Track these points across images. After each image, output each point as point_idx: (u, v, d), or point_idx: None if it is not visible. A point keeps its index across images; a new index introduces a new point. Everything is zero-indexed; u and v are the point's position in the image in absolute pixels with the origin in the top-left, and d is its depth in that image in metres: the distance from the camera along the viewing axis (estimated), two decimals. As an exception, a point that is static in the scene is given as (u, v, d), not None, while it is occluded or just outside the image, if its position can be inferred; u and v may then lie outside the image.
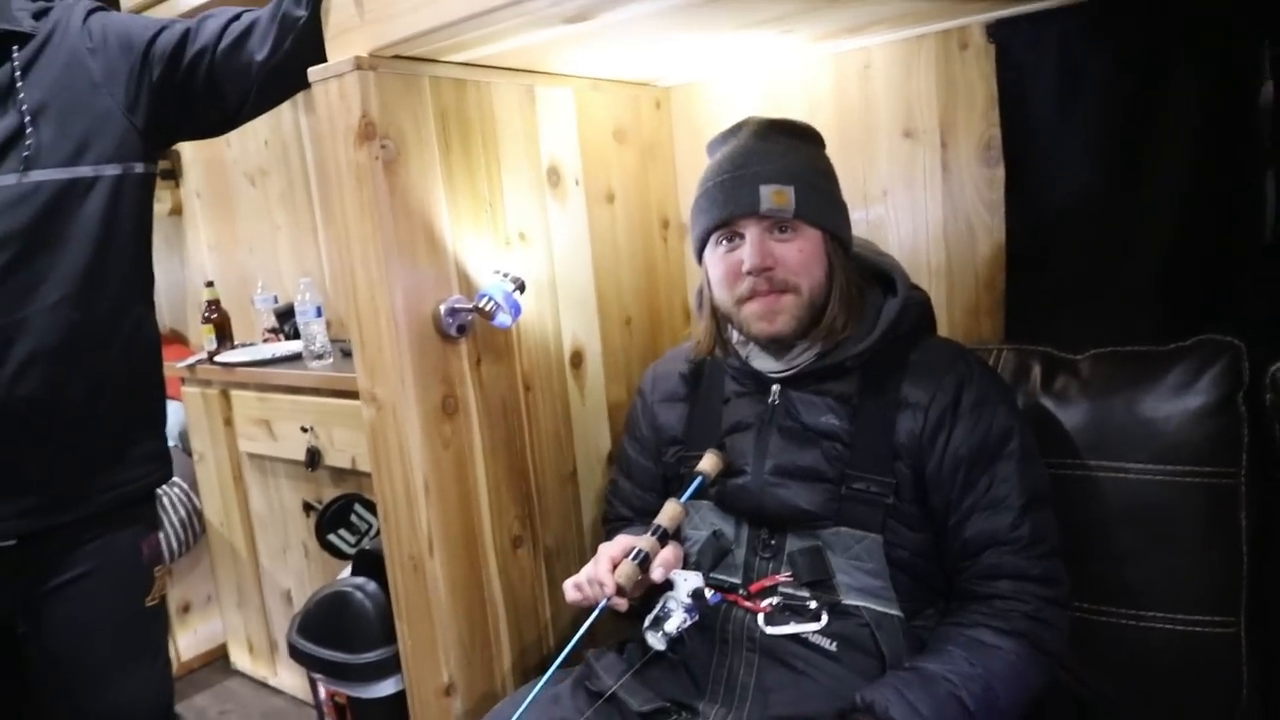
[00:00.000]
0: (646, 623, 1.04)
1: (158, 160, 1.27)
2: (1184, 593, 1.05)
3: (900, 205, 1.46)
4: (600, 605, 1.00)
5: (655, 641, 1.02)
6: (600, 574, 1.02)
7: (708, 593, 1.04)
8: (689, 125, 1.66)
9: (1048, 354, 1.19)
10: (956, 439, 1.03)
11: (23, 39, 1.13)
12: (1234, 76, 1.12)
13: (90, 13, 1.21)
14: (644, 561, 1.02)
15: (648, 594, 1.05)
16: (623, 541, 1.06)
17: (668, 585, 1.04)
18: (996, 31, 1.29)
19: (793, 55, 1.49)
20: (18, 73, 1.11)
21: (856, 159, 1.47)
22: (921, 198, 1.43)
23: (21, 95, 1.11)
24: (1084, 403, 1.12)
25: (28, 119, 1.10)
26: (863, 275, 1.13)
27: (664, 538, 1.05)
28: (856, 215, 1.41)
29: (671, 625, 1.00)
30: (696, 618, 1.02)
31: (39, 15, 1.17)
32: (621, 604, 1.01)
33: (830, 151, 1.17)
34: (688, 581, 1.03)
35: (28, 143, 1.10)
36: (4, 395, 1.09)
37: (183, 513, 2.29)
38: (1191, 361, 1.07)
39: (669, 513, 1.06)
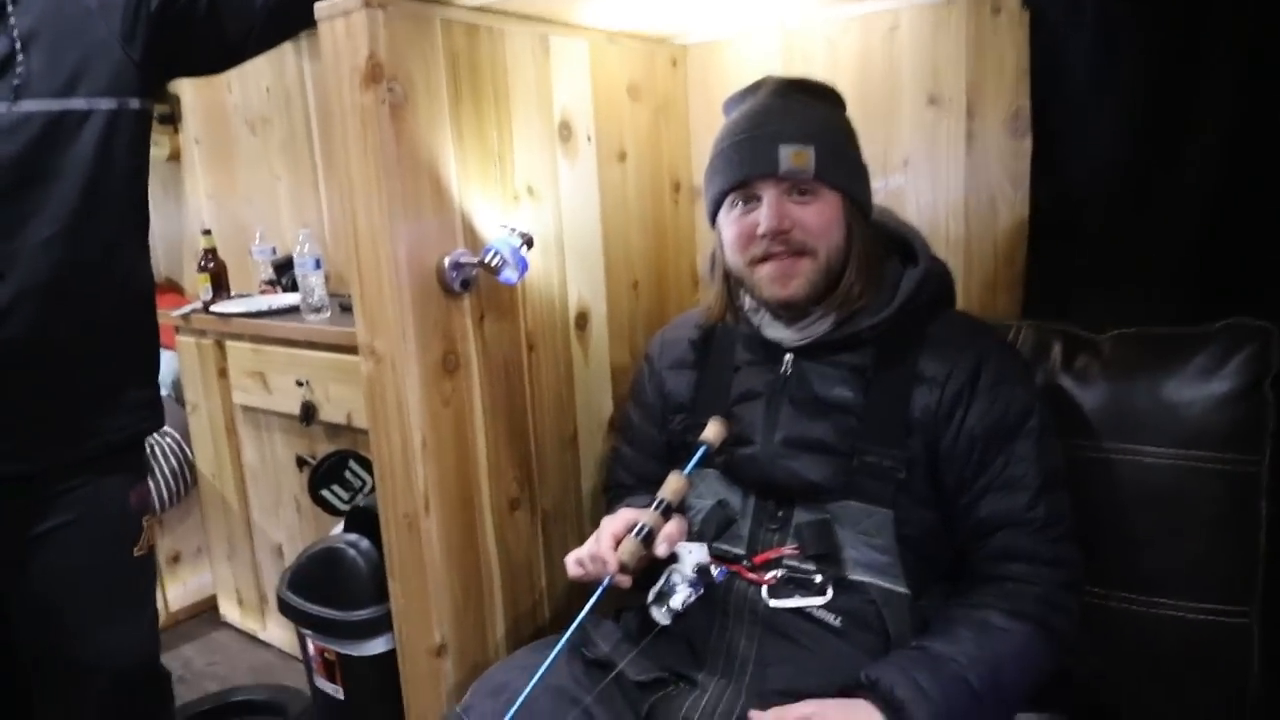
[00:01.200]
0: (650, 597, 1.01)
1: (154, 98, 1.22)
2: (1198, 581, 1.03)
3: (921, 174, 1.41)
4: (604, 583, 0.98)
5: (660, 617, 0.99)
6: (603, 551, 0.99)
7: (713, 569, 1.01)
8: (705, 85, 1.61)
9: (1069, 332, 1.16)
10: (973, 416, 1.00)
11: None
12: (1275, 50, 1.07)
13: (85, -63, 1.16)
14: (648, 537, 0.99)
15: (651, 566, 1.02)
16: (625, 516, 1.03)
17: (672, 558, 1.01)
18: (1032, -3, 1.24)
19: (816, 15, 1.44)
20: None
21: (878, 125, 1.42)
22: (944, 167, 1.39)
23: (12, 21, 1.06)
24: (1105, 384, 1.09)
25: (18, 45, 1.06)
26: (882, 243, 1.10)
27: (667, 511, 1.02)
28: (876, 184, 1.35)
29: (676, 601, 0.98)
30: (701, 592, 0.99)
31: None
32: (625, 581, 0.98)
33: (852, 116, 1.12)
34: (692, 555, 1.01)
35: (18, 70, 1.05)
36: None
37: (174, 463, 2.27)
38: (1219, 345, 1.04)
39: (672, 485, 1.03)
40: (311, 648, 1.48)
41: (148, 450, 2.07)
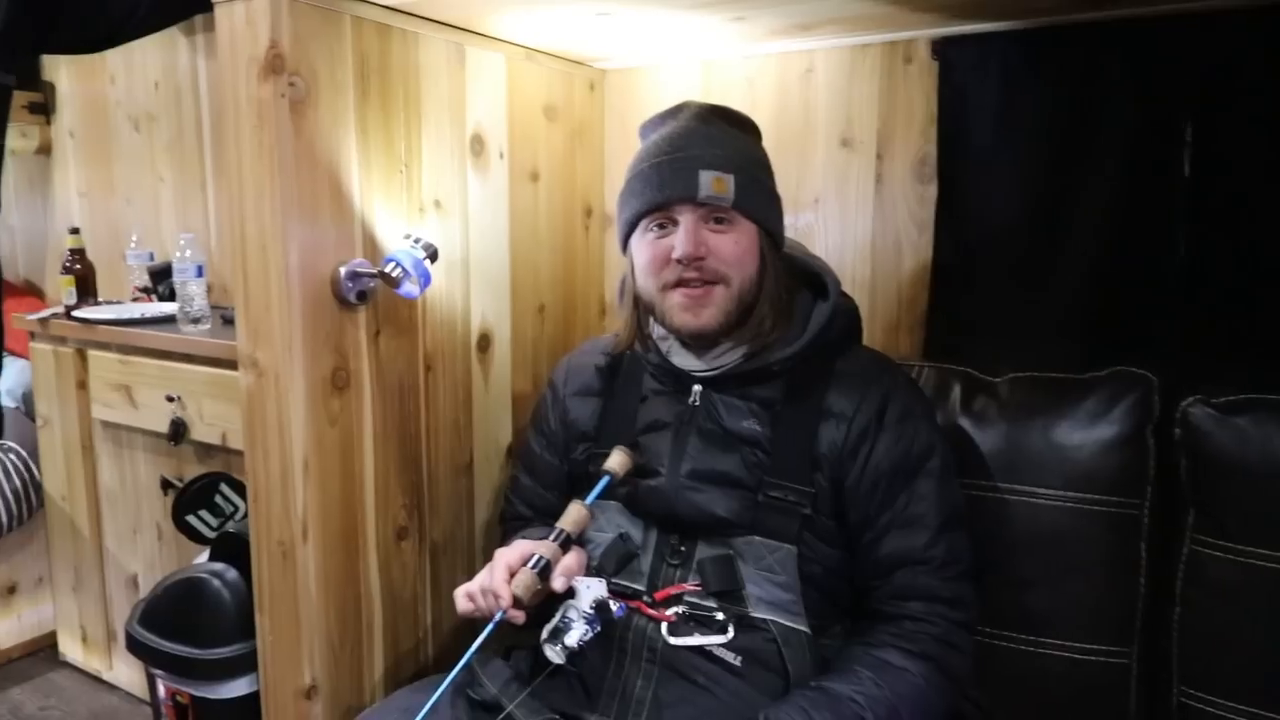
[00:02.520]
0: (544, 634, 0.95)
1: (12, 71, 1.10)
2: (1082, 621, 1.05)
3: (831, 214, 1.44)
4: (495, 619, 0.91)
5: (554, 655, 0.93)
6: (496, 584, 0.92)
7: (612, 604, 0.96)
8: (622, 112, 1.60)
9: (968, 374, 1.18)
10: (879, 452, 0.99)
11: None
12: (1162, 116, 1.15)
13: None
14: (544, 570, 0.93)
15: (546, 601, 0.96)
16: (521, 547, 0.97)
17: (569, 593, 0.96)
18: (941, 49, 1.29)
19: (736, 51, 1.46)
20: None
21: (792, 162, 1.44)
22: (853, 208, 1.42)
23: None
24: (1001, 425, 1.12)
25: None
26: (792, 276, 1.09)
27: (566, 543, 0.97)
28: (787, 220, 1.37)
29: (571, 638, 0.92)
30: (598, 629, 0.94)
31: None
32: (519, 617, 0.92)
33: (767, 152, 1.12)
34: (590, 590, 0.95)
35: None
36: None
37: (17, 483, 2.04)
38: (1105, 392, 1.08)
39: (573, 515, 0.98)
40: (162, 690, 1.33)
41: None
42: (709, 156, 0.99)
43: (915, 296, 1.37)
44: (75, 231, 2.06)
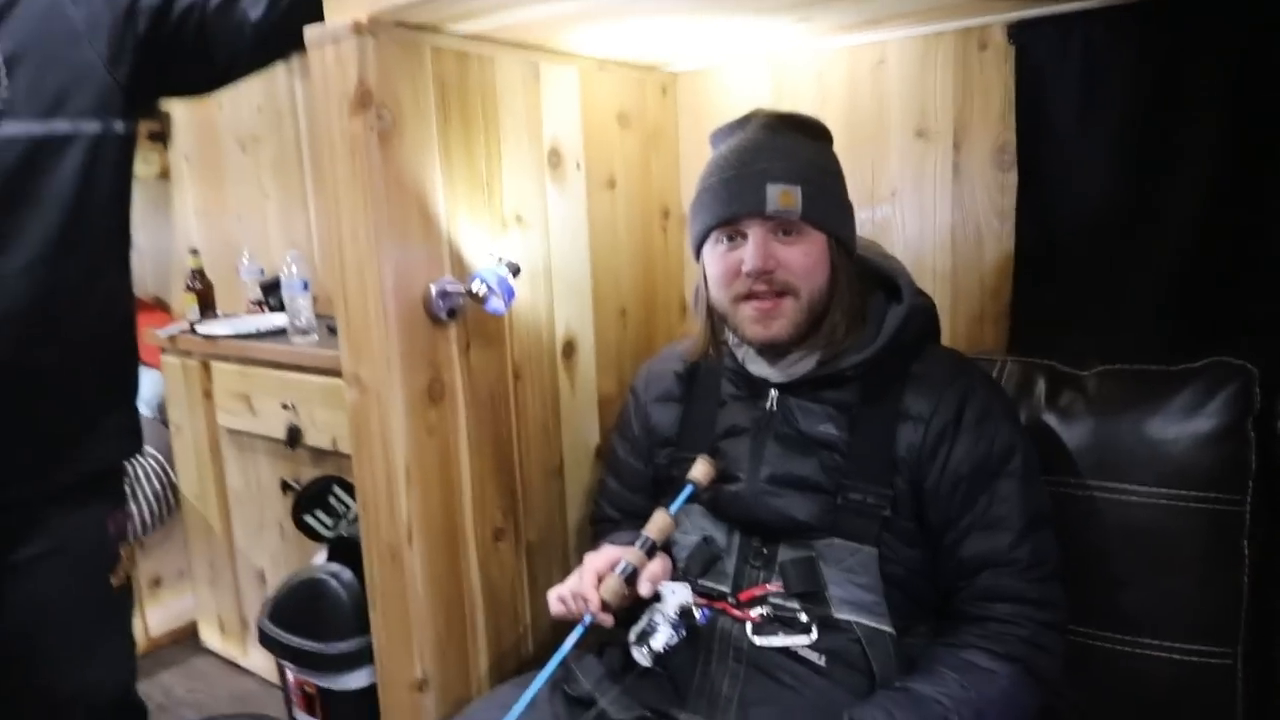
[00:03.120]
0: (632, 636, 1.00)
1: (139, 120, 1.21)
2: (1182, 621, 1.03)
3: (908, 206, 1.42)
4: (585, 622, 0.97)
5: (641, 658, 0.98)
6: (585, 589, 0.98)
7: (696, 611, 1.00)
8: (695, 113, 1.62)
9: (1053, 368, 1.16)
10: (957, 454, 0.99)
11: None
12: (1258, 92, 1.09)
13: (74, -41, 1.15)
14: (631, 576, 0.98)
15: (635, 603, 1.01)
16: (609, 553, 1.02)
17: (655, 597, 1.00)
18: (1018, 33, 1.25)
19: (805, 46, 1.45)
20: None
21: (866, 156, 1.43)
22: (930, 200, 1.39)
23: (-4, 43, 1.05)
24: (1089, 420, 1.09)
25: (2, 69, 1.04)
26: (866, 279, 1.09)
27: (652, 550, 1.01)
28: (863, 215, 1.37)
29: (658, 642, 0.97)
30: (684, 633, 0.98)
31: None
32: (607, 620, 0.97)
33: (839, 147, 1.12)
34: (675, 594, 0.99)
35: (1, 93, 1.04)
36: None
37: (157, 485, 2.24)
38: (1201, 384, 1.04)
39: (657, 524, 1.03)
40: (291, 680, 1.46)
41: (130, 473, 2.04)
42: (776, 169, 1.00)
43: (999, 287, 1.34)
44: (195, 253, 2.23)
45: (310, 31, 1.09)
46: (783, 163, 1.01)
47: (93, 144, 1.11)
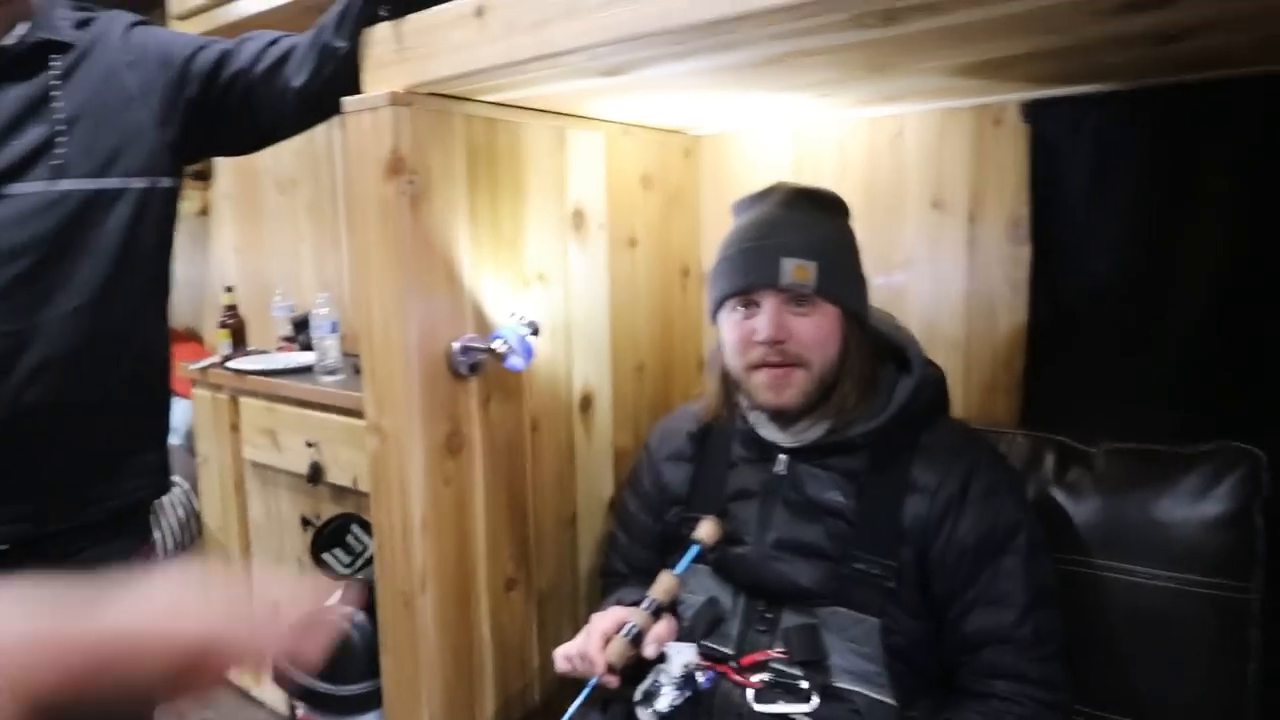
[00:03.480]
0: (638, 696, 1.02)
1: (183, 175, 1.27)
2: (1188, 707, 1.02)
3: (923, 275, 1.44)
4: (591, 684, 0.99)
5: (645, 718, 1.00)
6: (591, 651, 1.00)
7: (699, 675, 1.01)
8: (716, 175, 1.66)
9: (1062, 444, 1.17)
10: (963, 527, 1.01)
11: (63, 48, 1.14)
12: (1271, 178, 1.11)
13: (132, 25, 1.22)
14: (637, 638, 1.00)
15: (640, 661, 1.03)
16: (615, 614, 1.04)
17: (660, 658, 1.02)
18: (1031, 112, 1.28)
19: (826, 115, 1.49)
20: (55, 82, 1.12)
21: (882, 224, 1.46)
22: (945, 269, 1.42)
23: (57, 104, 1.12)
24: (1096, 499, 1.10)
25: (60, 129, 1.11)
26: (877, 349, 1.12)
27: (658, 612, 1.03)
28: (878, 281, 1.39)
29: (662, 703, 0.98)
30: (688, 694, 1.00)
31: (81, 25, 1.18)
32: (613, 681, 0.99)
33: (857, 214, 1.16)
34: (680, 655, 1.01)
35: (58, 151, 1.11)
36: (13, 400, 1.09)
37: (182, 513, 2.29)
38: (1209, 467, 1.05)
39: (664, 585, 1.05)
40: (301, 718, 1.48)
41: (156, 502, 2.09)
42: (792, 244, 1.03)
43: (1011, 358, 1.36)
44: (229, 290, 2.30)
45: (349, 100, 1.15)
46: (799, 237, 1.04)
47: (140, 199, 1.17)
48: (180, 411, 2.50)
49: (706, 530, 1.08)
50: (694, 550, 1.07)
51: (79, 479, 1.18)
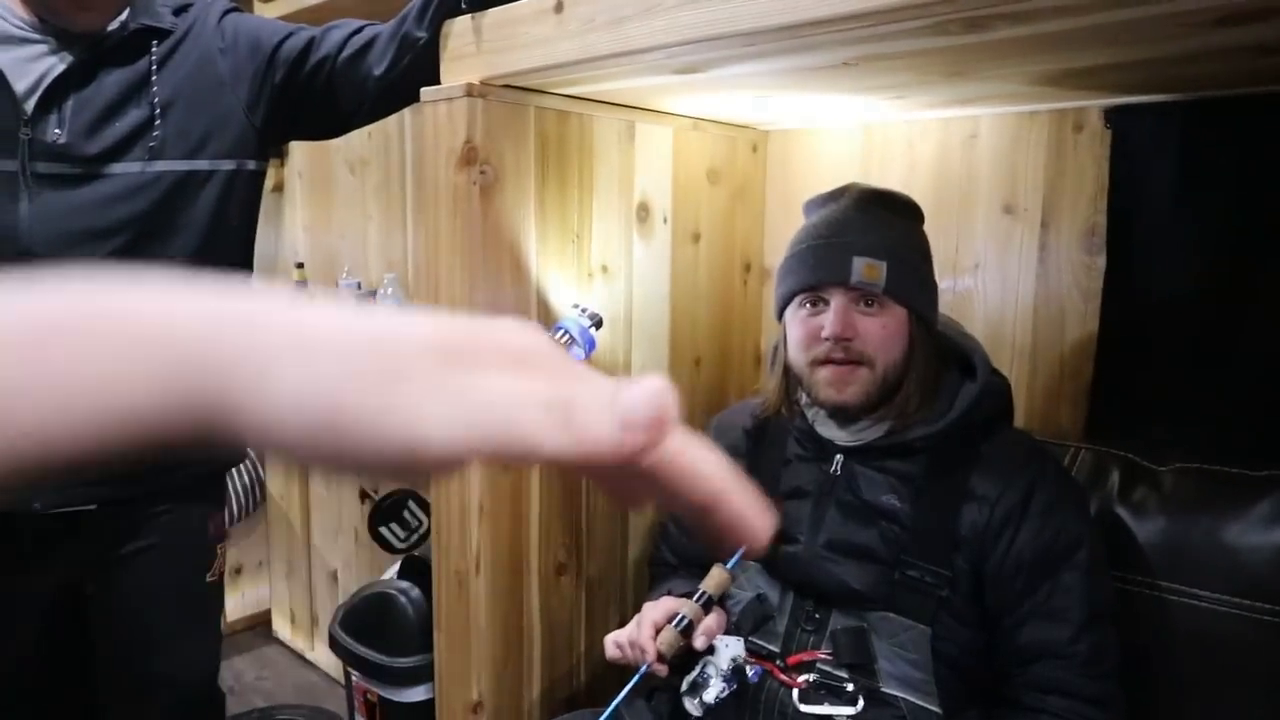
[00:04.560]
0: (684, 686, 1.04)
1: (268, 158, 1.32)
2: (1247, 735, 1.00)
3: (991, 280, 1.42)
4: (641, 671, 1.01)
5: (692, 708, 1.01)
6: (643, 640, 1.02)
7: (749, 669, 1.03)
8: (783, 171, 1.65)
9: (1129, 460, 1.14)
10: (1022, 540, 0.99)
11: (162, 34, 1.19)
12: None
13: (225, 13, 1.27)
14: (687, 629, 1.01)
15: (687, 652, 1.05)
16: (666, 605, 1.05)
17: (709, 650, 1.03)
18: (1115, 118, 1.25)
19: (897, 116, 1.47)
20: (154, 66, 1.17)
21: (951, 227, 1.44)
22: (1014, 275, 1.39)
23: (155, 89, 1.17)
24: (1162, 519, 1.07)
25: (158, 112, 1.16)
26: (942, 354, 1.11)
27: (708, 604, 1.04)
28: (944, 284, 1.38)
29: (709, 694, 1.00)
30: (734, 687, 1.01)
31: (179, 11, 1.23)
32: (662, 670, 1.01)
33: (925, 216, 1.15)
34: (729, 648, 1.03)
35: (155, 134, 1.16)
36: None
37: (247, 480, 2.38)
38: (1284, 493, 1.02)
39: (715, 579, 1.06)
40: (355, 685, 1.54)
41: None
42: (864, 243, 1.03)
43: (1079, 368, 1.33)
44: (300, 266, 2.38)
45: (426, 90, 1.18)
46: (870, 237, 1.04)
47: (228, 180, 1.22)
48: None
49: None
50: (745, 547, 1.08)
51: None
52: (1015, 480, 1.02)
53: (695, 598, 1.04)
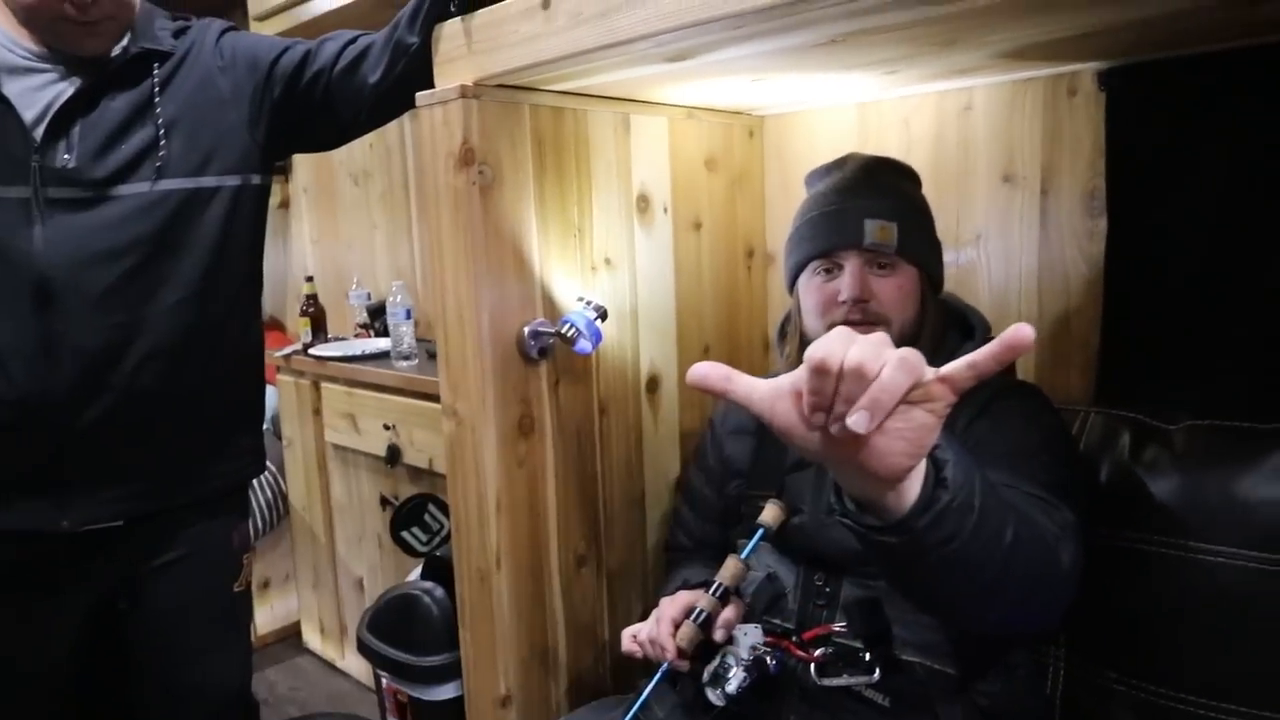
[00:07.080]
0: (705, 677, 1.04)
1: (272, 172, 1.34)
2: (1269, 689, 0.99)
3: (994, 250, 1.42)
4: (662, 669, 1.02)
5: (714, 699, 1.02)
6: (662, 637, 1.03)
7: (768, 659, 1.03)
8: (781, 155, 1.66)
9: (1139, 421, 1.14)
10: (980, 430, 0.98)
11: (163, 57, 1.21)
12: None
13: (223, 32, 1.29)
14: (705, 622, 1.02)
15: (708, 642, 1.06)
16: (683, 599, 1.06)
17: (728, 640, 1.04)
18: (1109, 80, 1.24)
19: (892, 92, 1.47)
20: (156, 88, 1.20)
21: (951, 200, 1.44)
22: (1016, 244, 1.39)
23: (159, 109, 1.19)
24: (1175, 476, 1.07)
25: (162, 132, 1.18)
26: (945, 319, 1.12)
27: (725, 596, 1.05)
28: (948, 258, 1.37)
29: (731, 685, 1.00)
30: (755, 675, 1.02)
31: (178, 34, 1.25)
32: (684, 665, 1.02)
33: (925, 190, 1.17)
34: (748, 637, 1.03)
35: (160, 154, 1.18)
36: (125, 387, 1.17)
37: (269, 494, 2.41)
38: (1297, 444, 1.01)
39: (730, 570, 1.07)
40: (386, 687, 1.56)
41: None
42: (874, 206, 1.05)
43: (1086, 334, 1.33)
44: (310, 279, 2.41)
45: (422, 95, 1.19)
46: (880, 200, 1.06)
47: (234, 196, 1.24)
48: (266, 397, 2.64)
49: (770, 514, 1.09)
50: (759, 534, 1.09)
51: (187, 460, 1.27)
52: (977, 393, 1.00)
53: (711, 590, 1.05)
